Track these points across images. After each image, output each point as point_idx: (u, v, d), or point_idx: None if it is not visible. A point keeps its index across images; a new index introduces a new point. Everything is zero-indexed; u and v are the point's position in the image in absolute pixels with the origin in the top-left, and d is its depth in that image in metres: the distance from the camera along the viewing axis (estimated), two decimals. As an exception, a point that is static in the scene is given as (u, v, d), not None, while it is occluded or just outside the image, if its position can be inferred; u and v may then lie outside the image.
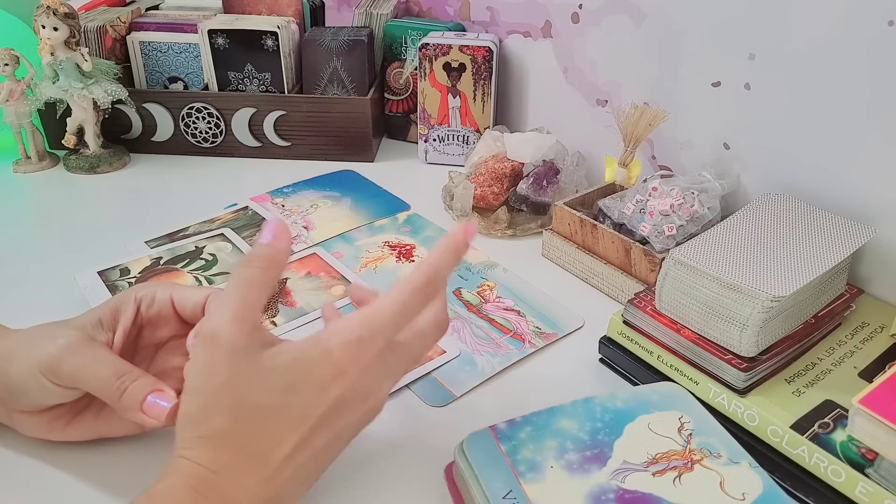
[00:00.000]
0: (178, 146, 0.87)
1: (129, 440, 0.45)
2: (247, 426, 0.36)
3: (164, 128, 0.87)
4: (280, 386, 0.36)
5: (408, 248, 0.69)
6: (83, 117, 0.82)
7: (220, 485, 0.35)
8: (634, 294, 0.53)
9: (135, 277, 0.61)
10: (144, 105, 0.85)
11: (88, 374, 0.40)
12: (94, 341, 0.42)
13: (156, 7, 0.95)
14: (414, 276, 0.39)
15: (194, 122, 0.86)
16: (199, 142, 0.87)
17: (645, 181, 0.64)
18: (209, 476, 0.34)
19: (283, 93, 0.86)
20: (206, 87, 0.87)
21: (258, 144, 0.87)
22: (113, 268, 0.62)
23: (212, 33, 0.83)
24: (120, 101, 0.82)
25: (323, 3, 0.99)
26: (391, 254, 0.68)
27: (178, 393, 0.42)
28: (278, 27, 0.83)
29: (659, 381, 0.47)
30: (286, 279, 0.63)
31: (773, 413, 0.44)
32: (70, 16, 0.77)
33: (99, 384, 0.40)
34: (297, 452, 0.36)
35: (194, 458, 0.35)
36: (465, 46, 0.80)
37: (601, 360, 0.54)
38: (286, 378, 0.37)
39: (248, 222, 0.72)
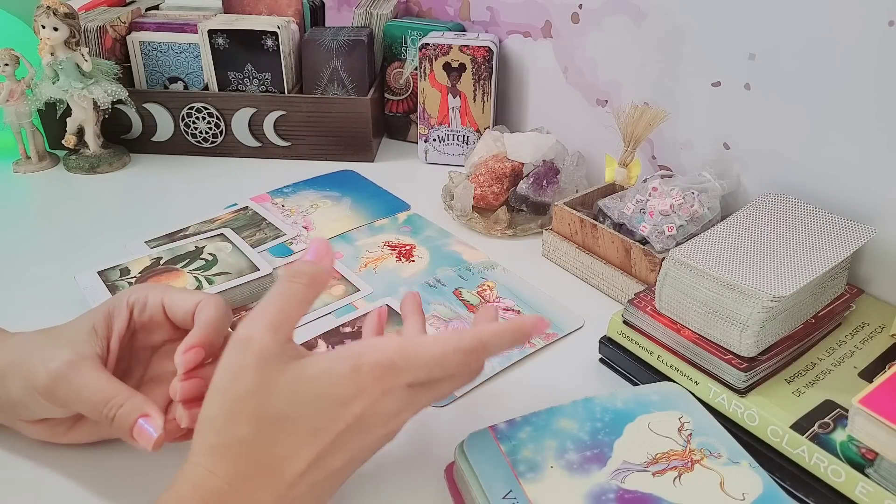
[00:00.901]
0: (178, 146, 0.87)
1: (130, 440, 0.45)
2: (267, 437, 0.35)
3: (164, 128, 0.87)
4: (305, 397, 0.36)
5: (408, 248, 0.69)
6: (83, 117, 0.82)
7: (233, 498, 0.34)
8: (634, 294, 0.53)
9: (135, 277, 0.61)
10: (144, 105, 0.85)
11: (80, 402, 0.40)
12: (85, 361, 0.41)
13: (156, 7, 0.95)
14: (465, 337, 0.39)
15: (194, 122, 0.86)
16: (199, 142, 0.87)
17: (645, 181, 0.64)
18: (223, 489, 0.34)
19: (283, 93, 0.86)
20: (206, 87, 0.87)
21: (258, 144, 0.87)
22: (113, 268, 0.62)
23: (212, 33, 0.83)
24: (120, 101, 0.82)
25: (323, 3, 0.99)
26: (391, 254, 0.68)
27: (168, 405, 0.42)
28: (278, 27, 0.83)
29: (659, 381, 0.47)
30: None
31: (773, 413, 0.44)
32: (70, 16, 0.77)
33: (89, 412, 0.40)
34: (313, 469, 0.36)
35: (211, 466, 0.35)
36: (465, 46, 0.80)
37: (601, 360, 0.54)
38: (312, 389, 0.36)
39: (248, 222, 0.72)
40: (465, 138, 0.85)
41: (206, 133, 0.87)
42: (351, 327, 0.57)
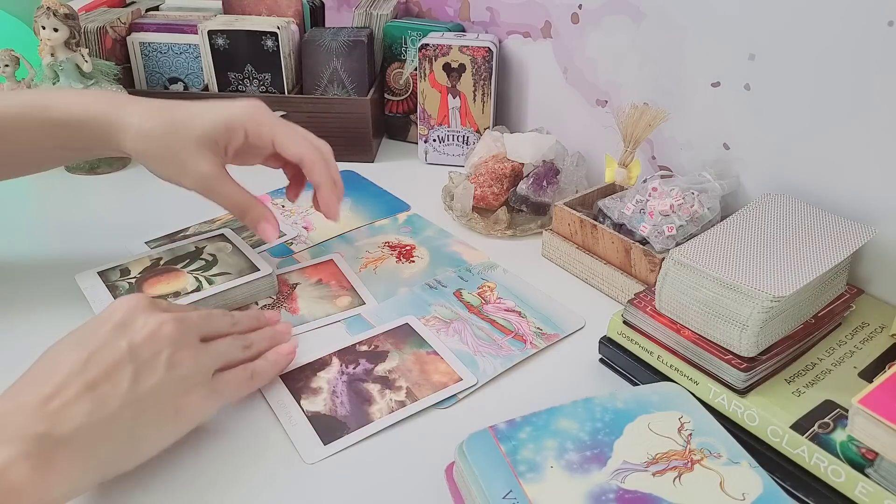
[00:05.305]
0: (179, 147, 0.87)
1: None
2: (41, 363, 0.40)
3: (165, 128, 0.87)
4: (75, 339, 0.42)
5: (408, 248, 0.69)
6: (83, 118, 0.82)
7: None
8: (634, 294, 0.53)
9: (135, 278, 0.61)
10: (144, 106, 0.85)
11: (222, 202, 0.58)
12: (222, 173, 0.57)
13: (156, 8, 0.96)
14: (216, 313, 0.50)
15: (194, 123, 0.86)
16: (199, 142, 0.87)
17: (645, 181, 0.64)
18: None
19: (283, 93, 0.86)
20: (206, 88, 0.87)
21: (258, 145, 0.87)
22: (113, 268, 0.62)
23: (212, 34, 0.83)
24: (120, 102, 0.82)
25: (323, 4, 0.99)
26: (391, 254, 0.68)
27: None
28: (278, 28, 0.83)
29: (659, 381, 0.47)
30: (296, 284, 0.63)
31: (773, 413, 0.44)
32: (70, 17, 0.77)
33: (229, 208, 0.59)
34: (83, 391, 0.38)
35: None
36: (465, 47, 0.80)
37: (601, 361, 0.54)
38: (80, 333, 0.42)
39: (249, 223, 0.72)
40: (465, 139, 0.85)
41: (207, 133, 0.86)
42: (368, 346, 0.55)
